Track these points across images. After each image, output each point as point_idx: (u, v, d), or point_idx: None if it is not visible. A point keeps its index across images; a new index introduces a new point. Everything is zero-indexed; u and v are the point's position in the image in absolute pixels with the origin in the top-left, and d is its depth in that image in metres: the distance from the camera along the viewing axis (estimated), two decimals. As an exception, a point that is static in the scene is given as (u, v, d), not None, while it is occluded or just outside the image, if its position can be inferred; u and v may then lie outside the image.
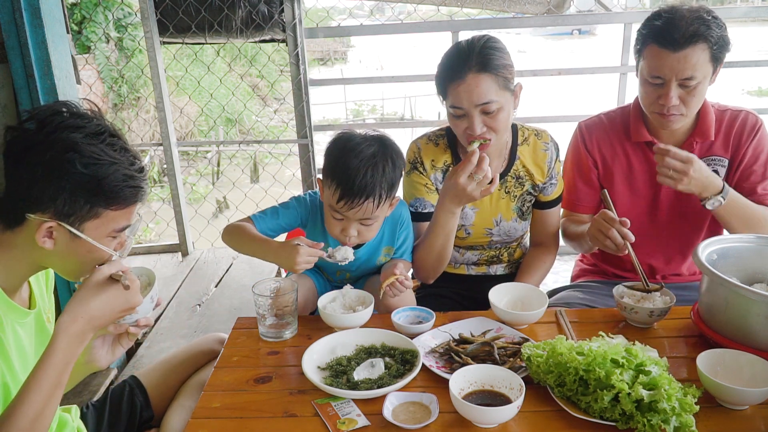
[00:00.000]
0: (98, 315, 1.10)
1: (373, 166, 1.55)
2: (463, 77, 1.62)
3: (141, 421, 1.56)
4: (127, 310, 1.15)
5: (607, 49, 3.46)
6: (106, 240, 1.16)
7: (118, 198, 1.12)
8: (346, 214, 1.59)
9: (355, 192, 1.54)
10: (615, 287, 1.58)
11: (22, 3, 2.05)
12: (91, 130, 1.10)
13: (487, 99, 1.62)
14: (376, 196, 1.56)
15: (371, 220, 1.61)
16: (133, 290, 1.13)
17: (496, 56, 1.63)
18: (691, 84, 1.62)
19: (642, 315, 1.49)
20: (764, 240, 1.55)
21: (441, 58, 1.72)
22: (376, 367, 1.33)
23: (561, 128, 3.37)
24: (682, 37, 1.58)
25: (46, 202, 1.08)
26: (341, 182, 1.55)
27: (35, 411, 1.03)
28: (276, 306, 1.52)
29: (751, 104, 12.37)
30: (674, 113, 1.67)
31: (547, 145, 1.86)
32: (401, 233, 1.79)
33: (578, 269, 2.15)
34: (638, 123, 1.82)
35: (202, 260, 3.82)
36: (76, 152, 1.07)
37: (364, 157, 1.55)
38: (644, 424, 1.09)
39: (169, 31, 3.51)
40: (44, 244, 1.10)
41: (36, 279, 1.30)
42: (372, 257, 1.80)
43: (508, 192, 1.86)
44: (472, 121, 1.64)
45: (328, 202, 1.62)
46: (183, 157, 10.95)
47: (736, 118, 1.80)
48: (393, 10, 7.54)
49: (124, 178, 1.12)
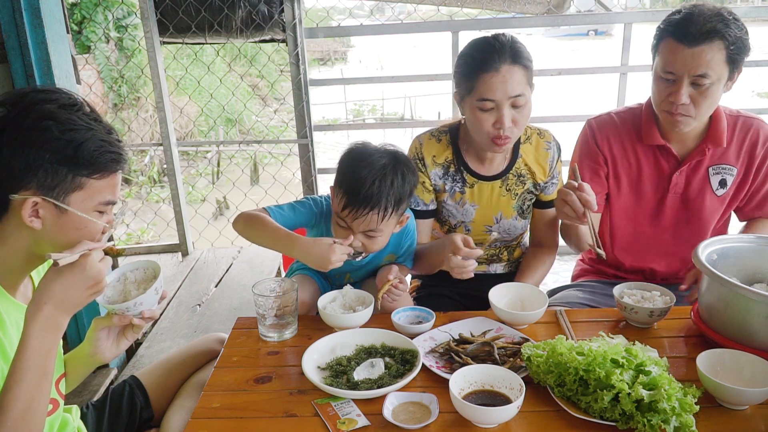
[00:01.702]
0: (62, 296, 1.08)
1: (382, 178, 1.54)
2: (498, 68, 1.61)
3: (141, 421, 1.56)
4: (94, 285, 1.11)
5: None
6: (93, 215, 1.14)
7: (98, 164, 1.12)
8: (351, 224, 1.57)
9: (360, 201, 1.53)
10: (615, 287, 1.58)
11: (22, 3, 2.05)
12: (64, 101, 1.11)
13: (519, 91, 1.63)
14: (381, 208, 1.55)
15: (376, 232, 1.59)
16: (91, 264, 1.10)
17: (525, 51, 1.65)
18: (704, 83, 1.59)
19: (642, 315, 1.49)
20: (764, 240, 1.55)
21: (464, 52, 1.71)
22: (376, 367, 1.33)
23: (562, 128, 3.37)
24: (698, 31, 1.55)
25: (27, 177, 1.07)
26: (348, 191, 1.54)
27: (24, 402, 1.02)
28: (276, 306, 1.52)
29: (762, 105, 12.23)
30: (683, 113, 1.64)
31: (550, 144, 1.87)
32: (405, 242, 1.79)
33: (578, 269, 2.14)
34: (651, 125, 1.80)
35: (202, 260, 3.82)
36: (51, 120, 1.07)
37: (374, 168, 1.54)
38: (644, 424, 1.09)
39: (169, 31, 3.52)
40: (32, 224, 1.09)
41: (38, 274, 1.29)
42: (373, 262, 1.80)
43: (509, 190, 1.86)
44: (501, 114, 1.63)
45: (335, 210, 1.62)
46: (183, 157, 10.95)
47: (750, 126, 1.78)
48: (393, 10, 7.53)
49: (102, 144, 1.12)
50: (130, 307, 1.21)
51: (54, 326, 1.08)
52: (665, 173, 1.82)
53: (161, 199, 7.37)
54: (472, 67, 1.65)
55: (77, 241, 1.14)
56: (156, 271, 1.28)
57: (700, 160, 1.78)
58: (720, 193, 1.81)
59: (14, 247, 1.14)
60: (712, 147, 1.77)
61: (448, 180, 1.86)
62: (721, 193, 1.81)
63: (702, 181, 1.80)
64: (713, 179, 1.80)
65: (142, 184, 9.37)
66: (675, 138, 1.78)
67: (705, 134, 1.77)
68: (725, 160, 1.79)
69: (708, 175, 1.80)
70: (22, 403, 1.02)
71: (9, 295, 1.16)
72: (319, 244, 1.50)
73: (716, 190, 1.81)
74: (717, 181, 1.80)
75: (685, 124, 1.67)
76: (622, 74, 3.49)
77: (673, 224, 1.86)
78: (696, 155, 1.77)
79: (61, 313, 1.09)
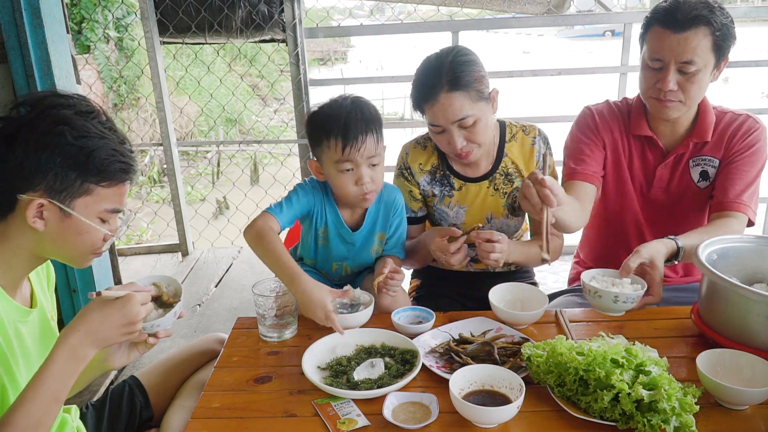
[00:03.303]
0: (96, 327, 1.09)
1: (356, 109, 1.64)
2: (436, 98, 1.65)
3: (141, 421, 1.56)
4: (128, 325, 1.12)
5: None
6: (95, 221, 1.16)
7: (108, 173, 1.13)
8: (355, 159, 1.61)
9: (355, 132, 1.60)
10: (584, 272, 1.58)
11: (22, 3, 2.05)
12: (82, 108, 1.13)
13: (462, 115, 1.65)
14: (372, 130, 1.63)
15: (376, 158, 1.65)
16: (132, 304, 1.11)
17: (466, 71, 1.65)
18: (690, 69, 1.61)
19: (606, 300, 1.47)
20: (764, 240, 1.55)
21: (414, 75, 1.74)
22: (376, 367, 1.33)
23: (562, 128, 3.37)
24: (684, 18, 1.58)
25: (37, 178, 1.09)
26: (340, 131, 1.60)
27: (31, 421, 1.03)
28: (276, 306, 1.52)
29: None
30: (671, 99, 1.65)
31: (535, 140, 1.87)
32: (394, 219, 1.82)
33: (574, 272, 2.13)
34: (639, 116, 1.81)
35: (202, 260, 3.82)
36: (66, 125, 1.09)
37: (346, 106, 1.64)
38: (644, 424, 1.09)
39: (169, 31, 3.52)
40: (35, 224, 1.10)
41: (36, 276, 1.29)
42: (367, 244, 1.82)
43: (497, 189, 1.87)
44: (452, 136, 1.68)
45: (334, 161, 1.63)
46: (183, 157, 10.95)
47: (735, 120, 1.78)
48: (393, 10, 7.53)
49: (113, 153, 1.13)
50: (147, 328, 1.22)
51: (79, 355, 1.08)
52: (650, 166, 1.83)
53: (161, 199, 7.37)
54: (416, 97, 1.72)
55: (77, 245, 1.16)
56: (177, 292, 1.30)
57: (683, 153, 1.79)
58: (703, 186, 1.80)
59: (17, 246, 1.14)
60: (697, 141, 1.77)
61: (436, 185, 1.89)
62: (704, 185, 1.80)
63: (683, 174, 1.80)
64: (693, 171, 1.80)
65: (142, 184, 9.38)
66: (662, 131, 1.79)
67: (692, 129, 1.78)
68: (705, 152, 1.78)
69: (689, 167, 1.80)
70: (30, 422, 1.03)
71: (8, 296, 1.16)
72: (312, 301, 1.48)
73: (698, 182, 1.80)
74: (698, 173, 1.80)
75: (674, 109, 1.68)
76: (622, 74, 3.49)
77: (660, 216, 1.86)
78: (681, 149, 1.78)
79: (90, 343, 1.09)
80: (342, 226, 1.77)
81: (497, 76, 3.35)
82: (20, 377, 1.15)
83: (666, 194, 1.83)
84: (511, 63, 14.89)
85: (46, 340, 1.25)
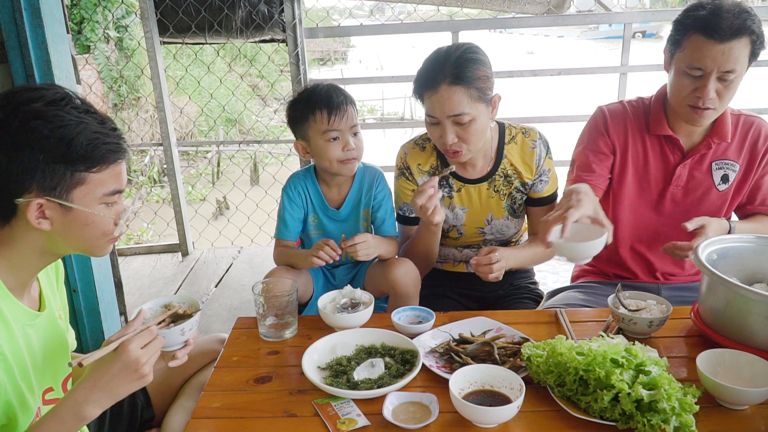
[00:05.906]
0: (102, 385, 1.08)
1: (333, 88, 1.84)
2: (436, 88, 1.64)
3: (142, 421, 1.56)
4: (134, 373, 1.09)
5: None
6: (99, 207, 1.13)
7: (95, 158, 1.09)
8: (339, 127, 1.78)
9: (338, 103, 1.79)
10: (609, 297, 1.55)
11: (22, 3, 2.05)
12: (51, 97, 1.08)
13: (458, 111, 1.64)
14: (350, 102, 1.83)
15: (356, 126, 1.83)
16: (127, 352, 1.08)
17: (471, 68, 1.64)
18: (730, 78, 1.60)
19: (641, 326, 1.45)
20: (764, 240, 1.55)
21: (422, 63, 1.73)
22: (376, 367, 1.34)
23: (562, 128, 3.38)
24: (729, 28, 1.55)
25: (27, 179, 1.06)
26: (324, 104, 1.78)
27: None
28: (276, 306, 1.52)
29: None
30: (709, 107, 1.65)
31: (535, 143, 1.86)
32: (378, 193, 1.92)
33: (578, 270, 2.14)
34: (660, 115, 1.81)
35: (202, 260, 3.82)
36: (39, 119, 1.05)
37: (323, 86, 1.83)
38: (644, 424, 1.09)
39: (169, 31, 3.52)
40: (40, 225, 1.08)
41: (45, 274, 1.28)
42: (355, 220, 1.93)
43: (497, 191, 1.87)
44: (445, 130, 1.68)
45: (321, 132, 1.79)
46: (183, 157, 10.95)
47: (751, 124, 1.80)
48: (393, 10, 7.52)
49: (95, 136, 1.09)
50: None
51: (78, 414, 1.06)
52: (670, 165, 1.83)
53: (161, 199, 7.37)
54: (418, 84, 1.72)
55: (87, 236, 1.14)
56: (194, 305, 1.32)
57: (704, 153, 1.80)
58: (722, 189, 1.82)
59: (25, 247, 1.13)
60: (717, 141, 1.78)
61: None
62: (723, 188, 1.82)
63: (705, 175, 1.82)
64: (716, 174, 1.81)
65: (142, 184, 9.38)
66: (682, 130, 1.80)
67: (711, 128, 1.79)
68: (728, 156, 1.80)
69: (711, 170, 1.81)
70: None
71: (17, 300, 1.15)
72: (311, 250, 1.77)
73: (718, 185, 1.82)
74: (719, 176, 1.81)
75: (709, 117, 1.69)
76: (622, 74, 3.49)
77: (673, 216, 1.86)
78: (702, 148, 1.79)
79: (93, 401, 1.07)
80: (326, 206, 1.92)
81: (497, 76, 3.33)
82: (26, 383, 1.14)
83: (683, 192, 1.83)
84: (514, 63, 14.87)
85: (54, 340, 1.25)
